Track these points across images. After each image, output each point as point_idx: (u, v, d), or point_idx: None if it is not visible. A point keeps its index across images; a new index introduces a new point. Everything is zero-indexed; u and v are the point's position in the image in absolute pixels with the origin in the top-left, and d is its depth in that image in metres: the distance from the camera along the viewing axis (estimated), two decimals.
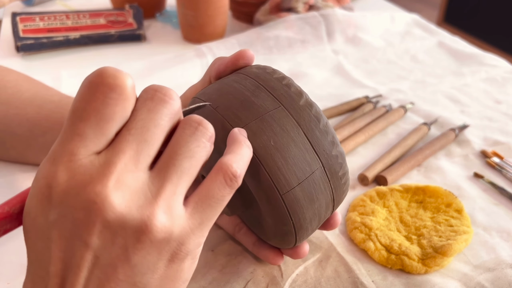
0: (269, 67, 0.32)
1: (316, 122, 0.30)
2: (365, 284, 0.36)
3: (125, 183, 0.21)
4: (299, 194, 0.29)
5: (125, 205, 0.21)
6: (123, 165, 0.21)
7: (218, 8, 0.74)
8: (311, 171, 0.29)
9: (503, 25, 2.08)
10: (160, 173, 0.22)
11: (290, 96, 0.30)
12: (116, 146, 0.22)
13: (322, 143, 0.30)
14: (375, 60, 0.74)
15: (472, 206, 0.45)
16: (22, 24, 0.74)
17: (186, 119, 0.24)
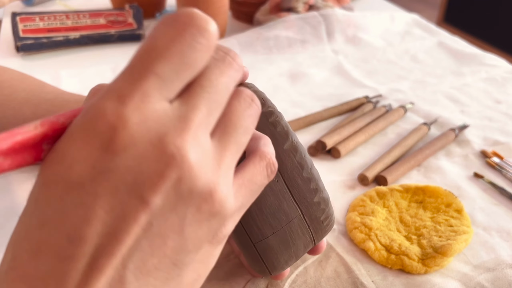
0: (260, 96, 0.30)
1: (299, 169, 0.29)
2: (365, 284, 0.36)
3: (200, 143, 0.19)
4: (273, 242, 0.29)
5: (199, 166, 0.19)
6: (198, 123, 0.19)
7: (218, 8, 0.74)
8: (288, 220, 0.29)
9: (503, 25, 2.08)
10: (221, 142, 0.21)
11: (274, 138, 0.28)
12: (190, 101, 0.19)
13: (303, 192, 0.29)
14: (375, 60, 0.74)
15: (472, 206, 0.45)
16: (22, 24, 0.74)
17: (240, 90, 0.23)
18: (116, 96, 0.18)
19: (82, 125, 0.18)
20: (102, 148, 0.18)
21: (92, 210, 0.17)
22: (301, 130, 0.57)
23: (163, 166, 0.18)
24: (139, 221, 0.18)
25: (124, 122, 0.18)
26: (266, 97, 0.31)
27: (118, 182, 0.18)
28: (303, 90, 0.65)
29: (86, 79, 0.66)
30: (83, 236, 0.17)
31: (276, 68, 0.71)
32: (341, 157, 0.52)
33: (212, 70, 0.21)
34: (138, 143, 0.18)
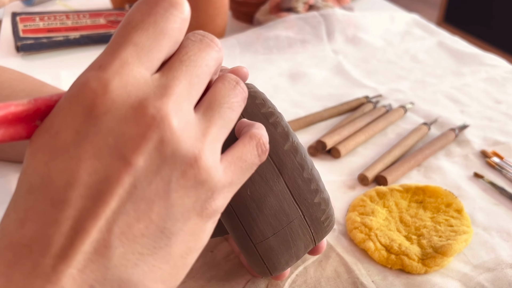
0: (259, 96, 0.30)
1: (299, 170, 0.29)
2: (365, 284, 0.36)
3: (182, 110, 0.20)
4: (274, 243, 0.29)
5: (181, 130, 0.19)
6: (178, 92, 0.20)
7: (218, 8, 0.74)
8: (289, 221, 0.29)
9: (503, 25, 2.08)
10: (206, 116, 0.21)
11: (275, 139, 0.29)
12: (170, 73, 0.20)
13: (304, 192, 0.29)
14: (375, 60, 0.74)
15: (472, 206, 0.45)
16: (22, 24, 0.74)
17: (225, 75, 0.24)
18: (98, 66, 0.19)
19: (67, 96, 0.19)
20: (84, 114, 0.18)
21: (76, 173, 0.18)
22: (301, 130, 0.57)
23: (145, 128, 0.18)
24: (122, 183, 0.18)
25: (104, 87, 0.18)
26: (266, 97, 0.30)
27: (100, 144, 0.18)
28: (303, 90, 0.65)
29: None
30: (66, 199, 0.18)
31: (276, 68, 0.71)
32: (341, 157, 0.52)
33: (190, 47, 0.22)
34: (119, 106, 0.18)
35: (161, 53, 0.20)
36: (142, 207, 0.19)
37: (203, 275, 0.37)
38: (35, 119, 0.20)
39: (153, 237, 0.19)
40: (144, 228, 0.19)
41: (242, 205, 0.28)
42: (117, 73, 0.19)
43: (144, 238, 0.19)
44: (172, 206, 0.20)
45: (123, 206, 0.18)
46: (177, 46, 0.21)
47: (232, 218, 0.28)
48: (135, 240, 0.19)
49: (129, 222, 0.19)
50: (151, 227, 0.19)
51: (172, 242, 0.20)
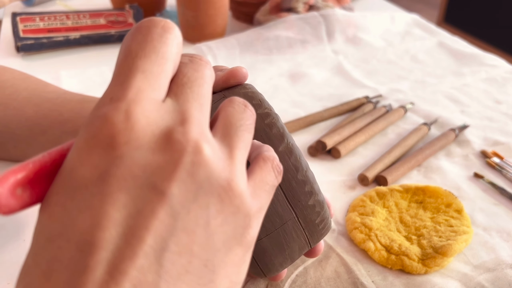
0: (257, 97, 0.30)
1: (293, 172, 0.29)
2: (365, 285, 0.36)
3: (205, 133, 0.19)
4: (267, 244, 0.29)
5: (211, 153, 0.18)
6: (195, 115, 0.19)
7: (218, 8, 0.74)
8: (282, 222, 0.29)
9: (503, 25, 2.08)
10: (225, 140, 0.20)
11: (269, 140, 0.29)
12: (179, 97, 0.19)
13: (298, 194, 0.29)
14: (375, 60, 0.74)
15: (472, 206, 0.45)
16: (22, 24, 0.74)
17: (232, 99, 0.23)
18: (109, 99, 0.18)
19: (82, 135, 0.17)
20: (103, 147, 0.17)
21: (102, 211, 0.16)
22: (301, 130, 0.57)
23: (175, 154, 0.17)
24: (158, 215, 0.17)
25: (126, 117, 0.17)
26: (264, 98, 0.30)
27: (126, 176, 0.16)
28: (303, 90, 0.65)
29: (86, 79, 0.66)
30: (95, 241, 0.16)
31: (276, 68, 0.71)
32: (341, 157, 0.52)
33: (185, 70, 0.21)
34: (141, 135, 0.17)
35: (167, 78, 0.20)
36: (183, 239, 0.17)
37: None
38: (55, 172, 0.18)
39: (198, 273, 0.18)
40: (187, 263, 0.17)
41: None
42: (135, 101, 0.18)
43: (188, 275, 0.17)
44: (212, 235, 0.18)
45: (162, 240, 0.16)
46: (176, 71, 0.21)
47: None
48: (180, 278, 0.17)
49: (172, 258, 0.17)
50: (195, 262, 0.18)
51: (216, 277, 0.19)
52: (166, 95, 0.20)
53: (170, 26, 0.21)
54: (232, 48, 0.74)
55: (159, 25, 0.20)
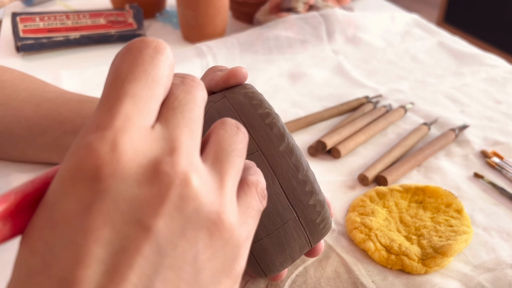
0: (257, 97, 0.30)
1: (294, 171, 0.29)
2: (365, 285, 0.36)
3: (194, 162, 0.18)
4: (267, 244, 0.29)
5: (200, 184, 0.18)
6: (185, 143, 0.18)
7: (218, 8, 0.74)
8: (283, 222, 0.29)
9: (503, 25, 2.08)
10: (216, 167, 0.20)
11: (270, 139, 0.29)
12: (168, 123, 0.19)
13: (298, 194, 0.29)
14: (375, 60, 0.74)
15: (472, 206, 0.45)
16: (22, 24, 0.74)
17: (224, 120, 0.22)
18: (95, 126, 0.17)
19: (65, 165, 0.16)
20: (87, 180, 0.16)
21: (85, 248, 0.15)
22: (301, 130, 0.57)
23: (161, 187, 0.17)
24: (143, 252, 0.16)
25: (111, 147, 0.16)
26: (264, 98, 0.30)
27: (111, 211, 0.16)
28: (303, 90, 0.65)
29: (86, 79, 0.66)
30: (77, 279, 0.15)
31: (276, 68, 0.71)
32: (341, 157, 0.52)
33: (177, 92, 0.20)
34: (127, 167, 0.16)
35: (157, 102, 0.19)
36: (170, 277, 0.16)
37: None
38: (37, 202, 0.17)
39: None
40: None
41: None
42: (122, 130, 0.17)
43: None
44: (200, 270, 0.18)
45: (147, 279, 0.16)
46: (167, 93, 0.20)
47: None
48: None
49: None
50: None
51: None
52: (156, 120, 0.19)
53: (162, 47, 0.20)
54: (232, 48, 0.74)
55: (150, 46, 0.19)
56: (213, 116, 0.29)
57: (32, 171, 0.47)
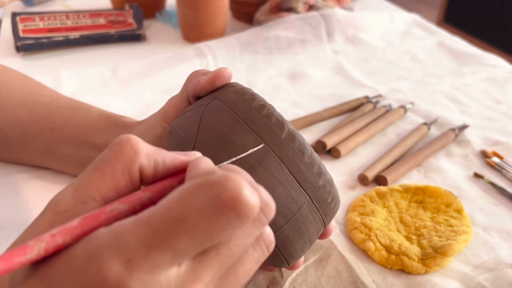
0: (247, 92, 0.31)
1: (300, 156, 0.29)
2: (366, 284, 0.36)
3: None
4: (288, 231, 0.29)
5: None
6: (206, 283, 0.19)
7: (218, 8, 0.74)
8: (298, 207, 0.29)
9: (503, 25, 2.08)
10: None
11: (271, 130, 0.29)
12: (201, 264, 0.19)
13: (308, 177, 0.29)
14: (375, 60, 0.74)
15: (472, 206, 0.45)
16: (22, 24, 0.74)
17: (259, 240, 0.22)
18: (125, 259, 0.17)
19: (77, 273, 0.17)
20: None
21: None
22: (301, 130, 0.57)
23: None
24: None
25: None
26: (254, 92, 0.31)
27: None
28: (303, 90, 0.65)
29: (86, 79, 0.66)
30: None
31: (276, 68, 0.71)
32: (341, 157, 0.52)
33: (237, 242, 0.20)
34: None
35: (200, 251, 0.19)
36: None
37: None
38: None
39: None
40: None
41: None
42: (142, 279, 0.17)
43: None
44: None
45: None
46: None
47: None
48: None
49: None
50: None
51: None
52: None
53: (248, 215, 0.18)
54: (232, 48, 0.74)
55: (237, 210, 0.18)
56: (210, 119, 0.30)
57: (32, 171, 0.47)
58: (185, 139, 0.30)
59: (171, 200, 0.18)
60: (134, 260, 0.17)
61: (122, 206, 0.20)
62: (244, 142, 0.28)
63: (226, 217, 0.17)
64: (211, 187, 0.18)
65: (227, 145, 0.28)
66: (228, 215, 0.17)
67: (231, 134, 0.29)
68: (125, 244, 0.17)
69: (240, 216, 0.18)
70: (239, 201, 0.17)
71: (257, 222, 0.20)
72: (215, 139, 0.29)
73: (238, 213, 0.18)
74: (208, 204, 0.17)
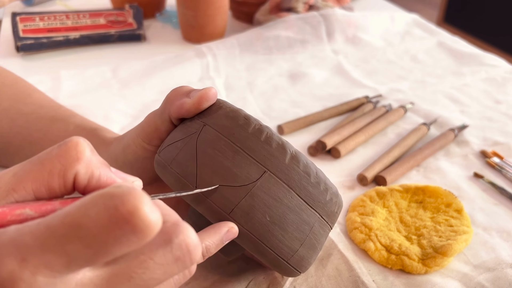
0: (240, 115, 0.29)
1: (306, 178, 0.29)
2: (366, 284, 0.36)
3: None
4: (303, 252, 0.29)
5: None
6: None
7: (218, 8, 0.74)
8: (310, 227, 0.29)
9: (503, 25, 2.08)
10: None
11: (273, 156, 0.28)
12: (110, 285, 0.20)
13: (316, 196, 0.29)
14: (375, 60, 0.74)
15: (472, 206, 0.45)
16: (22, 24, 0.74)
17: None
18: (21, 257, 0.17)
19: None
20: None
21: None
22: (301, 130, 0.57)
23: None
24: None
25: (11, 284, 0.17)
26: (245, 112, 0.30)
27: None
28: (303, 90, 0.65)
29: (86, 79, 0.66)
30: None
31: (276, 68, 0.71)
32: (341, 157, 0.52)
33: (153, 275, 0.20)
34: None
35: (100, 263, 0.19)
36: None
37: (205, 277, 0.37)
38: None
39: None
40: None
41: (265, 232, 0.27)
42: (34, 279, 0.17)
43: None
44: None
45: None
46: None
47: (258, 246, 0.28)
48: None
49: None
50: None
51: None
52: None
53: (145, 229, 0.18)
54: (232, 48, 0.74)
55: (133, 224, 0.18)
56: (207, 152, 0.28)
57: None
58: (185, 178, 0.28)
59: (73, 205, 0.18)
60: (29, 259, 0.17)
61: (32, 213, 0.20)
62: (249, 174, 0.27)
63: (122, 230, 0.17)
64: (111, 198, 0.18)
65: (233, 181, 0.27)
66: (124, 228, 0.17)
67: (234, 168, 0.27)
68: (24, 243, 0.17)
69: (136, 231, 0.17)
70: (136, 215, 0.17)
71: (180, 263, 0.21)
72: (218, 176, 0.27)
73: (134, 228, 0.17)
74: (106, 214, 0.17)
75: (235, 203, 0.27)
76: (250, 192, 0.27)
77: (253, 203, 0.27)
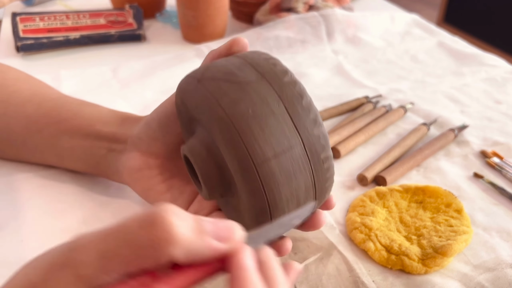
0: (259, 51, 0.33)
1: (299, 98, 0.30)
2: (366, 284, 0.36)
3: None
4: (275, 167, 0.28)
5: None
6: None
7: (218, 8, 0.74)
8: (289, 146, 0.28)
9: (503, 25, 2.08)
10: None
11: (274, 73, 0.30)
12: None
13: (304, 120, 0.29)
14: (375, 60, 0.74)
15: (472, 206, 0.45)
16: (22, 24, 0.74)
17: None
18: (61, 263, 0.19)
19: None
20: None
21: None
22: None
23: None
24: None
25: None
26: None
27: None
28: None
29: (86, 79, 0.66)
30: None
31: None
32: (341, 157, 0.52)
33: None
34: None
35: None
36: None
37: None
38: None
39: None
40: None
41: (244, 124, 0.28)
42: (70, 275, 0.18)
43: None
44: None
45: None
46: None
47: (234, 139, 0.28)
48: None
49: None
50: None
51: None
52: None
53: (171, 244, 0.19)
54: None
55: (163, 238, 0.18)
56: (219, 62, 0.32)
57: (32, 171, 0.47)
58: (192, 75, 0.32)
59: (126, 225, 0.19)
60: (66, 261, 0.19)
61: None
62: (247, 76, 0.30)
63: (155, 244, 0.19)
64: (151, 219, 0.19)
65: (230, 77, 0.30)
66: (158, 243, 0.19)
67: (236, 70, 0.30)
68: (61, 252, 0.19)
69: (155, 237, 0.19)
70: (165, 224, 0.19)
71: None
72: (220, 73, 0.30)
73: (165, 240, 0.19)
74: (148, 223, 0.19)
75: (225, 91, 0.29)
76: (242, 87, 0.29)
77: (242, 95, 0.29)
